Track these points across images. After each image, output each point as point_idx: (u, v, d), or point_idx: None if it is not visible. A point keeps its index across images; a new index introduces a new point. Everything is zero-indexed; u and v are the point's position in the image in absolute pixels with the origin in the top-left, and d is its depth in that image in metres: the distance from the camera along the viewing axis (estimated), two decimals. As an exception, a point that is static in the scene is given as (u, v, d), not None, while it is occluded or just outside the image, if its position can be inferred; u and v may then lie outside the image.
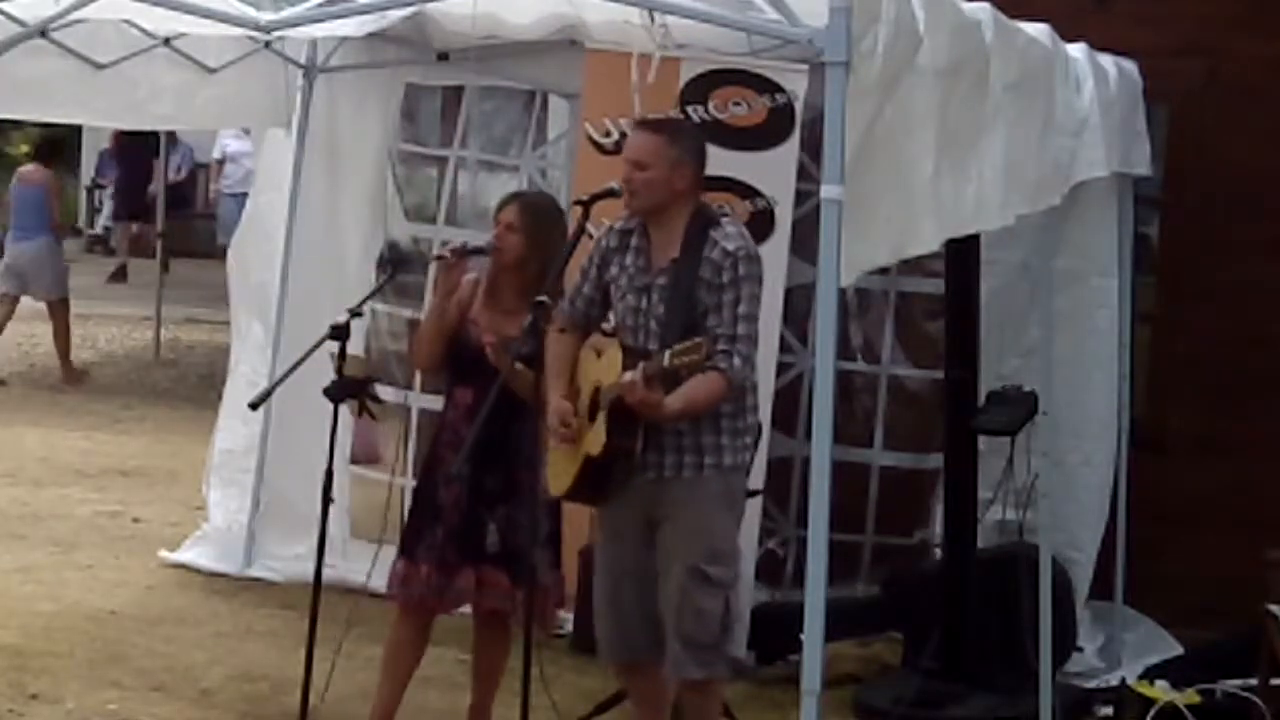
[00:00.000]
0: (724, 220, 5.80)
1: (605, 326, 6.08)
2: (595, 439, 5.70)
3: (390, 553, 6.40)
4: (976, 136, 5.30)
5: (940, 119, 4.81)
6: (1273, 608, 6.72)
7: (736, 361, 5.61)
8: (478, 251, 6.26)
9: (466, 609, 6.37)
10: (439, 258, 6.23)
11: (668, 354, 5.49)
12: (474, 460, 6.03)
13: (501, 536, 6.20)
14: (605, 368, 5.74)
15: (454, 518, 6.20)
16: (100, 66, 7.73)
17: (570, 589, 7.41)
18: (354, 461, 8.43)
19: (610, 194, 5.96)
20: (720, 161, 6.08)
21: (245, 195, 9.95)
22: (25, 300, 18.08)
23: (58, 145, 14.61)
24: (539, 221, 6.23)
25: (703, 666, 5.74)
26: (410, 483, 7.24)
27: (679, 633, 5.68)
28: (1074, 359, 7.54)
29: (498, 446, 6.10)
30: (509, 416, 6.03)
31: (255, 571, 8.65)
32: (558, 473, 5.92)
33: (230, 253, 9.09)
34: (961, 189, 5.19)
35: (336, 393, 6.11)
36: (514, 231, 6.18)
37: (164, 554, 8.95)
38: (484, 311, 6.22)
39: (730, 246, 5.66)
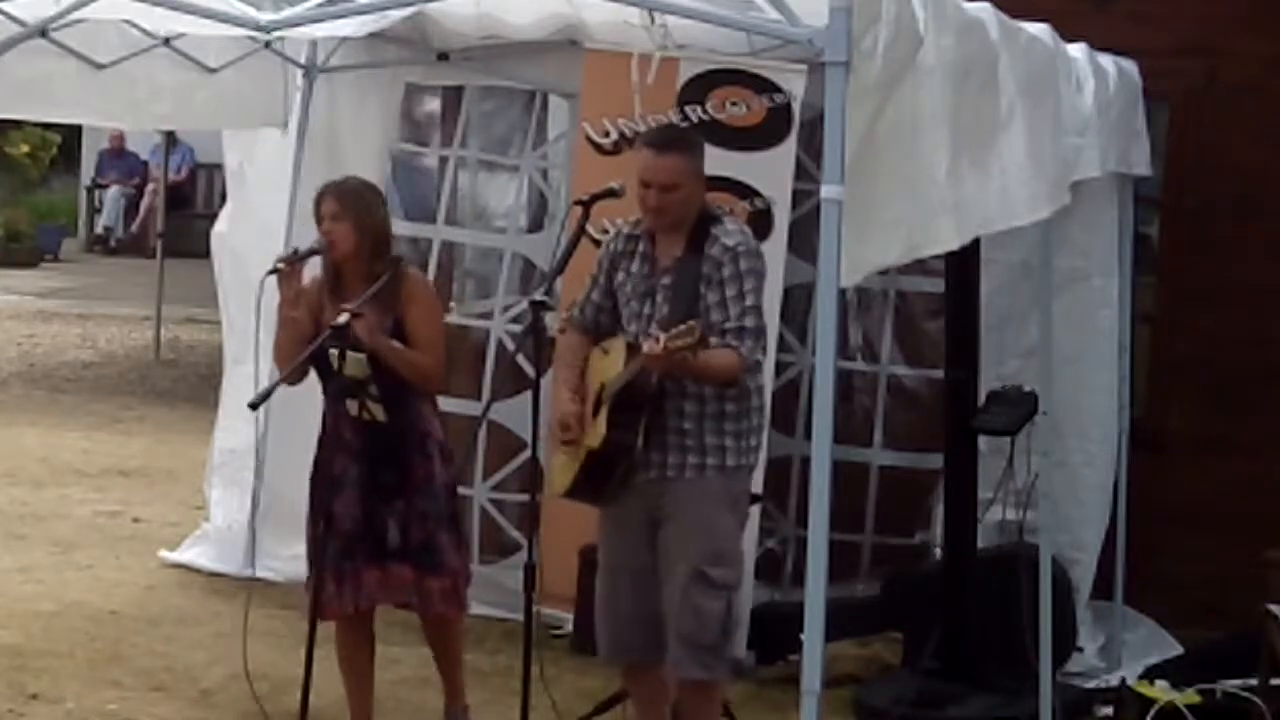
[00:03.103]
0: (726, 218, 5.82)
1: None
2: (596, 433, 5.72)
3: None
4: (994, 135, 5.30)
5: (953, 118, 4.80)
6: (1273, 608, 6.71)
7: (749, 342, 5.61)
8: (311, 253, 6.27)
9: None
10: (273, 270, 6.22)
11: (663, 338, 5.50)
12: (367, 458, 6.09)
13: (401, 530, 6.21)
14: (611, 364, 5.75)
15: (347, 522, 6.18)
16: (100, 66, 7.72)
17: (571, 589, 7.43)
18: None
19: (610, 194, 5.97)
20: (718, 161, 6.10)
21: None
22: (25, 300, 18.12)
23: None
24: (359, 203, 6.27)
25: (703, 667, 5.74)
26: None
27: (679, 633, 5.69)
28: (1075, 359, 7.53)
29: (390, 439, 6.12)
30: (396, 407, 6.05)
31: (255, 571, 8.64)
32: (560, 470, 5.93)
33: (214, 246, 9.09)
34: (985, 187, 5.19)
35: (336, 393, 6.11)
36: (340, 220, 6.21)
37: (164, 554, 8.95)
38: (332, 308, 6.20)
39: (730, 242, 5.68)
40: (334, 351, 6.03)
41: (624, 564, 5.88)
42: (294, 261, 6.25)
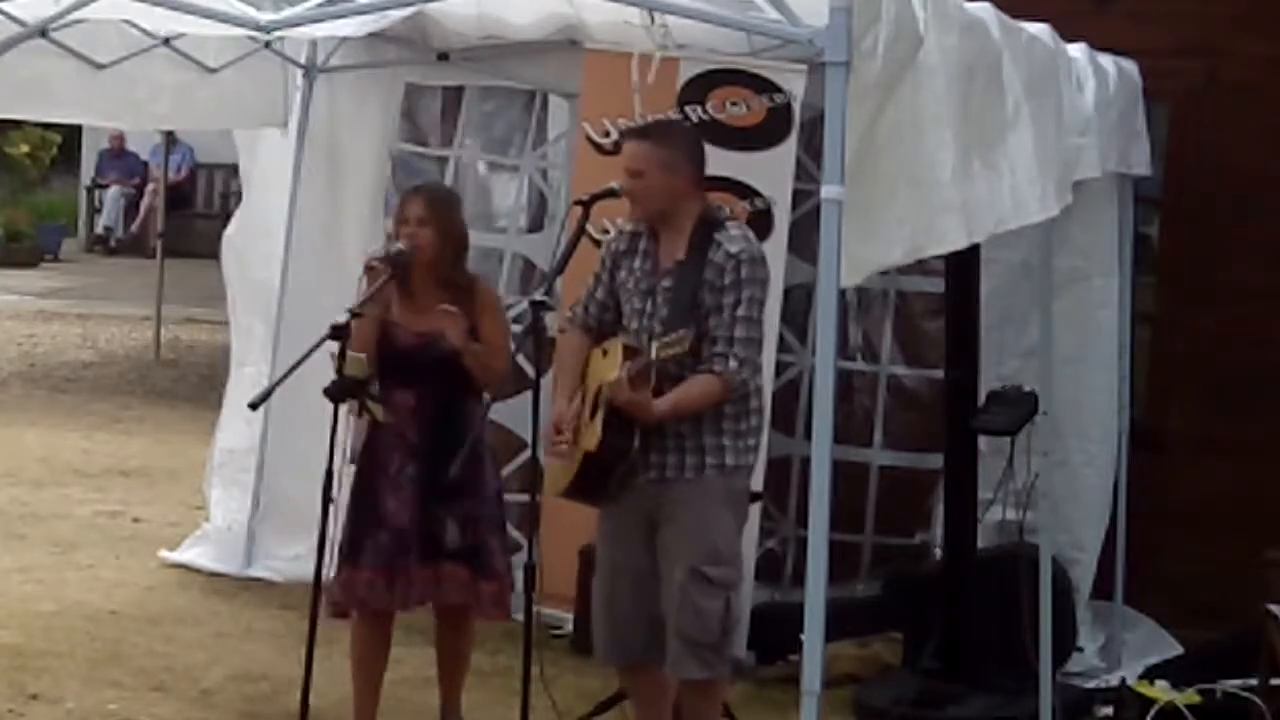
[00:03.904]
0: (729, 223, 5.82)
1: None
2: (593, 435, 5.72)
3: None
4: (1003, 133, 5.30)
5: (959, 117, 4.81)
6: (1273, 608, 6.72)
7: (733, 364, 5.62)
8: (400, 255, 6.27)
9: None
10: (370, 269, 6.24)
11: (654, 346, 5.53)
12: (427, 458, 6.09)
13: (461, 531, 6.24)
14: (609, 365, 5.75)
15: (402, 519, 6.21)
16: (100, 66, 7.73)
17: (571, 589, 7.43)
18: (354, 461, 8.42)
19: (610, 194, 5.97)
20: (718, 161, 6.09)
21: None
22: (23, 300, 18.11)
23: None
24: (445, 210, 6.33)
25: (703, 666, 5.74)
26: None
27: (679, 633, 5.69)
28: (1075, 359, 7.53)
29: (450, 442, 6.14)
30: (458, 410, 6.07)
31: (255, 571, 8.65)
32: (557, 472, 5.93)
33: (224, 249, 9.10)
34: (997, 186, 5.20)
35: (336, 393, 6.12)
36: (425, 225, 6.24)
37: (164, 554, 8.95)
38: (403, 310, 6.26)
39: (734, 249, 5.68)
40: (333, 351, 6.04)
41: (623, 565, 5.88)
42: (390, 262, 6.23)
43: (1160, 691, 7.12)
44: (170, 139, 19.13)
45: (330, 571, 6.15)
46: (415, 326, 6.25)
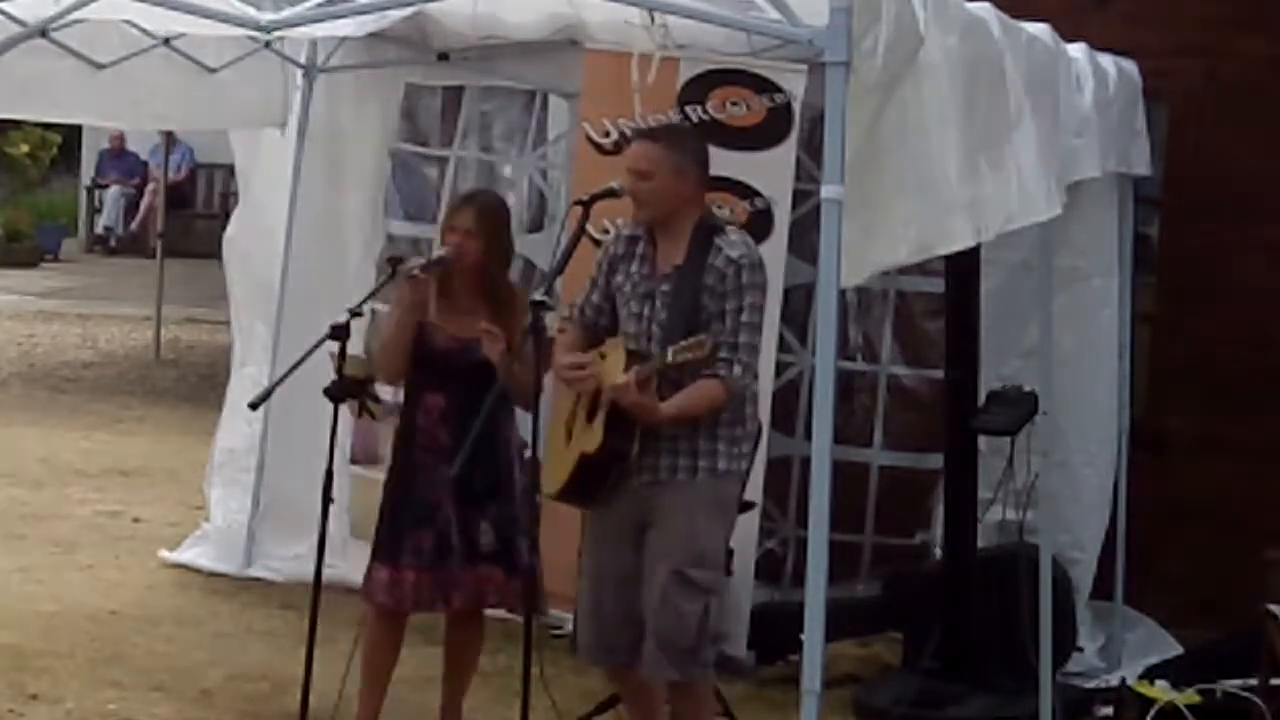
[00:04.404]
0: (729, 228, 5.82)
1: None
2: (592, 437, 5.71)
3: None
4: (1008, 132, 5.31)
5: (964, 117, 4.81)
6: (1273, 608, 6.72)
7: (737, 370, 5.63)
8: (441, 261, 6.26)
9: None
10: (410, 276, 6.22)
11: (670, 350, 5.52)
12: (463, 462, 6.10)
13: (495, 533, 6.24)
14: (609, 369, 5.74)
15: (442, 522, 6.22)
16: (100, 66, 7.73)
17: (571, 589, 7.42)
18: (354, 461, 8.43)
19: (610, 194, 5.97)
20: (718, 161, 6.09)
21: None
22: (24, 300, 18.11)
23: None
24: (495, 223, 6.29)
25: (675, 669, 5.74)
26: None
27: (656, 633, 5.69)
28: (1075, 359, 7.53)
29: (485, 445, 6.13)
30: (495, 414, 6.09)
31: (255, 571, 8.65)
32: (552, 471, 5.92)
33: (225, 250, 9.10)
34: (1005, 184, 5.21)
35: (336, 393, 6.12)
36: (473, 237, 6.21)
37: (164, 554, 8.95)
38: (441, 313, 6.25)
39: (735, 254, 5.67)
40: (333, 351, 6.04)
41: (609, 567, 5.87)
42: (428, 270, 6.21)
43: (1160, 691, 7.12)
44: (170, 139, 19.14)
45: (325, 570, 6.14)
46: (453, 330, 6.22)
